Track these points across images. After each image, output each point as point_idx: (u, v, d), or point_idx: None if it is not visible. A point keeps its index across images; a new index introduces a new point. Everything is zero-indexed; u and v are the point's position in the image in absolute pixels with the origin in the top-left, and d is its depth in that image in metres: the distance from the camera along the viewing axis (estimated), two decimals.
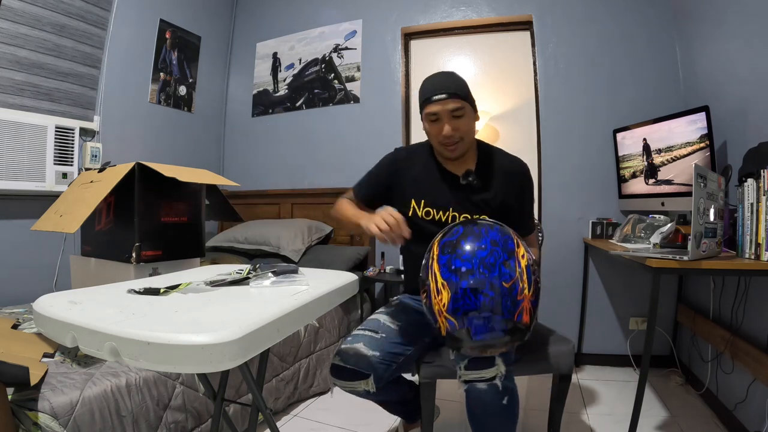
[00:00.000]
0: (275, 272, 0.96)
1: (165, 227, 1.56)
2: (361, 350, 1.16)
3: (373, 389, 1.16)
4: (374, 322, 1.26)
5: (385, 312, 1.32)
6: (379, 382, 1.16)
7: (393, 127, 2.74)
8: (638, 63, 2.34)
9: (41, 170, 1.98)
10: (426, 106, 1.22)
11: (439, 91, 1.18)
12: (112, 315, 0.67)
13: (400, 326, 1.25)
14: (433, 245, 1.00)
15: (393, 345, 1.20)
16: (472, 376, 1.01)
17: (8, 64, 1.91)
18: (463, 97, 1.20)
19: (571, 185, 2.39)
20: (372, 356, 1.16)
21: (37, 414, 0.93)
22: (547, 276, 2.42)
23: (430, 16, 2.73)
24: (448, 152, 1.25)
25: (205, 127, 3.11)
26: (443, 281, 0.92)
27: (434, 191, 1.28)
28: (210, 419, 1.35)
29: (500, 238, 0.94)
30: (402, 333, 1.23)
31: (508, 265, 0.90)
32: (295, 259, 2.35)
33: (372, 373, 1.15)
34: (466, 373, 1.02)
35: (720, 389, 1.75)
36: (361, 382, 1.16)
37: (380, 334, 1.21)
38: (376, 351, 1.17)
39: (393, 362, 1.18)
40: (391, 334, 1.22)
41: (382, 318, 1.28)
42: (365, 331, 1.22)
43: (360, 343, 1.18)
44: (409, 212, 1.28)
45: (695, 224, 1.28)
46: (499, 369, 1.01)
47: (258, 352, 0.65)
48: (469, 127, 1.23)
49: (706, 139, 1.77)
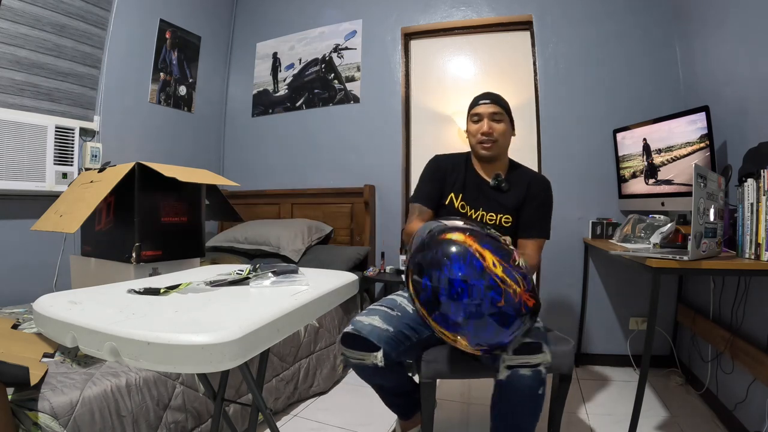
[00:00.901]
0: (275, 272, 0.96)
1: (165, 227, 1.56)
2: (375, 323, 1.21)
3: (382, 363, 1.17)
4: (391, 301, 1.32)
5: (402, 294, 1.36)
6: (388, 358, 1.18)
7: (393, 127, 2.74)
8: (638, 63, 2.34)
9: (41, 170, 1.98)
10: (472, 109, 1.44)
11: (486, 98, 1.43)
12: (112, 315, 0.67)
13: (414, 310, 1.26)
14: (419, 308, 1.00)
15: (406, 326, 1.24)
16: (518, 361, 1.03)
17: (8, 64, 1.91)
18: (504, 108, 1.43)
19: (571, 185, 2.39)
20: (385, 330, 1.20)
21: (37, 414, 0.93)
22: (547, 276, 2.42)
23: (430, 16, 2.73)
24: (483, 150, 1.40)
25: (205, 127, 3.11)
26: (452, 335, 0.95)
27: (468, 191, 1.43)
28: (210, 419, 1.35)
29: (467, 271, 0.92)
30: (415, 317, 1.26)
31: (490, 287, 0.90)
32: (295, 259, 2.35)
33: (382, 347, 1.18)
34: (512, 357, 1.03)
35: (720, 389, 1.75)
36: (371, 354, 1.18)
37: (396, 312, 1.26)
38: (390, 326, 1.21)
39: (403, 342, 1.22)
40: (405, 315, 1.26)
41: (399, 299, 1.33)
42: (382, 307, 1.28)
43: (376, 316, 1.23)
44: (447, 202, 1.44)
45: (695, 224, 1.28)
46: (546, 357, 1.04)
47: (258, 352, 0.65)
48: (504, 133, 1.40)
49: (706, 139, 1.77)
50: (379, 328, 1.20)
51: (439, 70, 2.76)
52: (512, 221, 1.40)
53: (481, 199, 1.41)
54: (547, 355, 1.05)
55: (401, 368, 1.32)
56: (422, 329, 1.26)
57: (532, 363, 1.03)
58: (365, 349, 1.19)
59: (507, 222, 1.40)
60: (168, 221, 1.57)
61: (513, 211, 1.40)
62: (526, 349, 1.04)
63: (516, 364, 1.03)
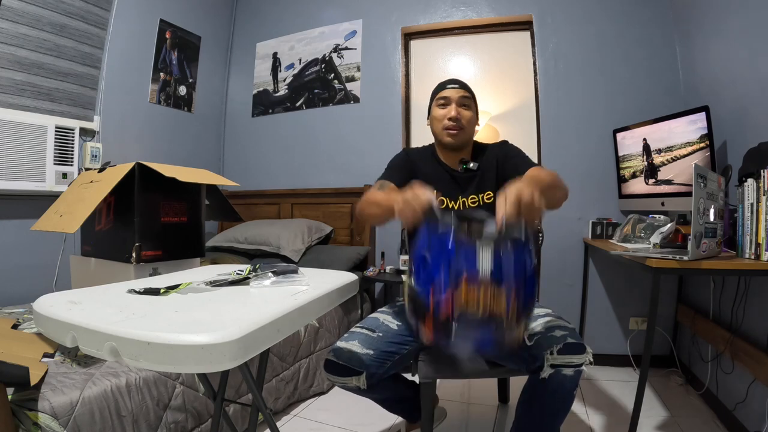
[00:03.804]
0: (275, 272, 0.96)
1: (165, 227, 1.56)
2: (353, 348, 1.19)
3: (364, 386, 1.18)
4: (373, 321, 1.28)
5: (387, 312, 1.33)
6: (371, 379, 1.18)
7: (393, 127, 2.74)
8: (638, 63, 2.34)
9: (41, 170, 1.98)
10: (439, 92, 1.36)
11: (453, 83, 1.35)
12: (112, 315, 0.67)
13: (400, 326, 1.25)
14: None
15: (388, 344, 1.21)
16: (562, 360, 1.03)
17: (8, 64, 1.91)
18: (471, 95, 1.36)
19: (571, 185, 2.33)
20: (364, 354, 1.18)
21: (37, 414, 0.93)
22: (548, 276, 2.42)
23: (430, 16, 2.73)
24: (448, 137, 1.32)
25: (205, 127, 3.11)
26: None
27: (442, 184, 1.36)
28: (210, 419, 1.36)
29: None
30: (400, 333, 1.24)
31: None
32: (295, 259, 2.35)
33: (364, 371, 1.17)
34: (557, 357, 1.03)
35: (720, 389, 1.75)
36: (353, 378, 1.18)
37: (377, 333, 1.23)
38: (370, 350, 1.18)
39: (387, 360, 1.20)
40: (388, 334, 1.23)
41: (381, 317, 1.30)
42: (362, 330, 1.25)
43: (355, 341, 1.20)
44: None
45: (695, 224, 1.28)
46: (588, 356, 1.04)
47: (258, 352, 0.65)
48: (471, 120, 1.34)
49: (706, 139, 1.76)
50: (358, 354, 1.18)
51: (439, 70, 2.76)
52: (493, 196, 1.32)
53: (455, 188, 1.35)
54: (589, 355, 1.05)
55: (391, 381, 1.31)
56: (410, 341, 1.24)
57: (576, 363, 1.03)
58: (347, 374, 1.18)
59: (489, 198, 1.34)
60: (168, 221, 1.57)
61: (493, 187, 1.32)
62: (571, 349, 1.03)
63: (560, 363, 1.03)
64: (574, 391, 1.05)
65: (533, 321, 1.14)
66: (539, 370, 1.04)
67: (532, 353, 1.07)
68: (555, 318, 1.15)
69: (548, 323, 1.12)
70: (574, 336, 1.07)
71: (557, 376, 1.03)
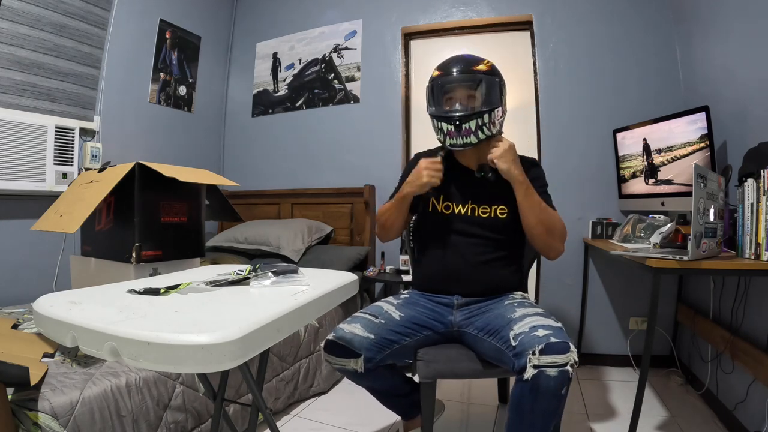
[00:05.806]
0: (275, 272, 0.96)
1: (165, 227, 1.56)
2: (355, 331, 1.20)
3: (362, 369, 1.19)
4: (377, 308, 1.30)
5: (391, 302, 1.34)
6: (369, 363, 1.19)
7: (393, 127, 2.74)
8: (638, 63, 2.34)
9: (41, 170, 1.98)
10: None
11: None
12: (112, 315, 0.67)
13: (402, 317, 1.27)
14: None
15: (390, 332, 1.23)
16: (544, 361, 1.00)
17: (8, 64, 1.91)
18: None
19: (571, 185, 2.39)
20: (365, 338, 1.19)
21: (37, 414, 0.93)
22: (547, 276, 2.42)
23: (430, 16, 2.73)
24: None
25: (205, 127, 3.10)
26: None
27: (452, 185, 1.34)
28: (210, 419, 1.35)
29: None
30: (402, 323, 1.25)
31: None
32: (295, 259, 2.35)
33: (362, 354, 1.18)
34: (539, 358, 1.00)
35: (720, 389, 1.75)
36: (351, 360, 1.20)
37: (379, 319, 1.24)
38: (371, 334, 1.20)
39: (386, 347, 1.21)
40: (390, 322, 1.25)
41: (385, 306, 1.31)
42: (365, 315, 1.26)
43: (357, 324, 1.22)
44: (429, 208, 1.37)
45: (695, 224, 1.28)
46: (572, 356, 1.01)
47: (258, 352, 0.65)
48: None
49: (706, 139, 1.76)
50: (359, 336, 1.19)
51: None
52: (507, 212, 1.30)
53: (468, 191, 1.32)
54: (573, 354, 1.01)
55: (388, 371, 1.31)
56: (411, 333, 1.25)
57: (559, 363, 1.00)
58: (346, 355, 1.20)
59: (503, 213, 1.31)
60: (168, 221, 1.57)
61: (508, 202, 1.29)
62: (553, 349, 1.01)
63: (543, 364, 1.00)
64: (562, 391, 1.01)
65: (520, 321, 1.12)
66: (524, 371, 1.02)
67: (516, 354, 1.05)
68: (542, 317, 1.12)
69: (533, 323, 1.09)
70: (558, 335, 1.03)
71: (540, 377, 1.00)
